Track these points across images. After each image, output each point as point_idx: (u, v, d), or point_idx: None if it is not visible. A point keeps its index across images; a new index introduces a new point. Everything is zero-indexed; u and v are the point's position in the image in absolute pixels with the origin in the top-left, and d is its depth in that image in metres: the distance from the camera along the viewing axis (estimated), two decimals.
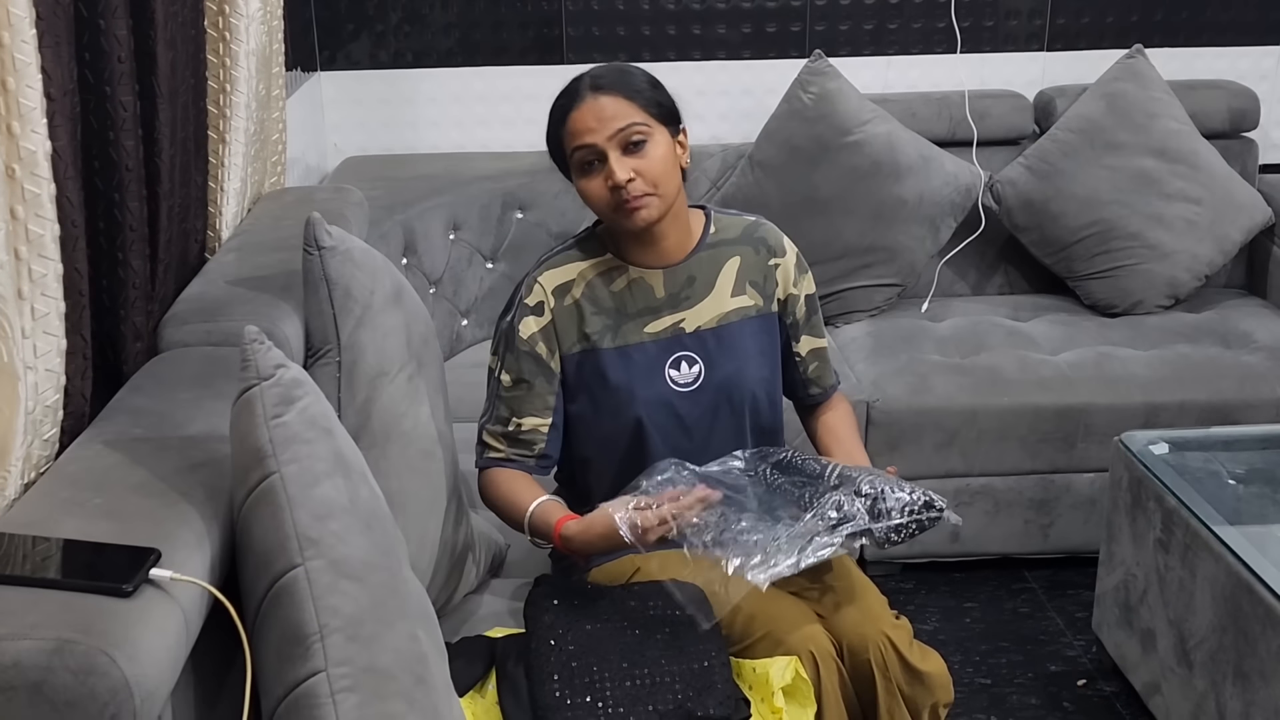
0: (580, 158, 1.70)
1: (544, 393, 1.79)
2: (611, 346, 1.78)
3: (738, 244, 1.83)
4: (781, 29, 3.21)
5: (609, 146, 1.67)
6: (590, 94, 1.69)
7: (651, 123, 1.69)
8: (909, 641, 1.73)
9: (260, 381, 1.25)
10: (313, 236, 1.61)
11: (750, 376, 1.82)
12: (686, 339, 1.79)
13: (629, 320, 1.78)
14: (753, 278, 1.83)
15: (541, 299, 1.78)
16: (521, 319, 1.78)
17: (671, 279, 1.79)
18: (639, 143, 1.68)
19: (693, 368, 1.79)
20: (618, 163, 1.67)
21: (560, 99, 1.73)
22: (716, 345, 1.80)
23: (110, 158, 1.54)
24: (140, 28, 1.64)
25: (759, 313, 1.83)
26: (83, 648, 1.02)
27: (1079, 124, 3.04)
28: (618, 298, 1.79)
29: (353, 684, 1.18)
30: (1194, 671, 2.07)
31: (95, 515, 1.20)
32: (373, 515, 1.30)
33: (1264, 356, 2.78)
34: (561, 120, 1.71)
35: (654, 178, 1.69)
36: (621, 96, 1.69)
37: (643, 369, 1.78)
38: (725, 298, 1.81)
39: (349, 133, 3.23)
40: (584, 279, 1.79)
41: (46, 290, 1.34)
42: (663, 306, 1.79)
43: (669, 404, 1.78)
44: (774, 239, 1.86)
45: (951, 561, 2.80)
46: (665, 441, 1.79)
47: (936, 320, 3.01)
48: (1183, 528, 2.10)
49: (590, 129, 1.68)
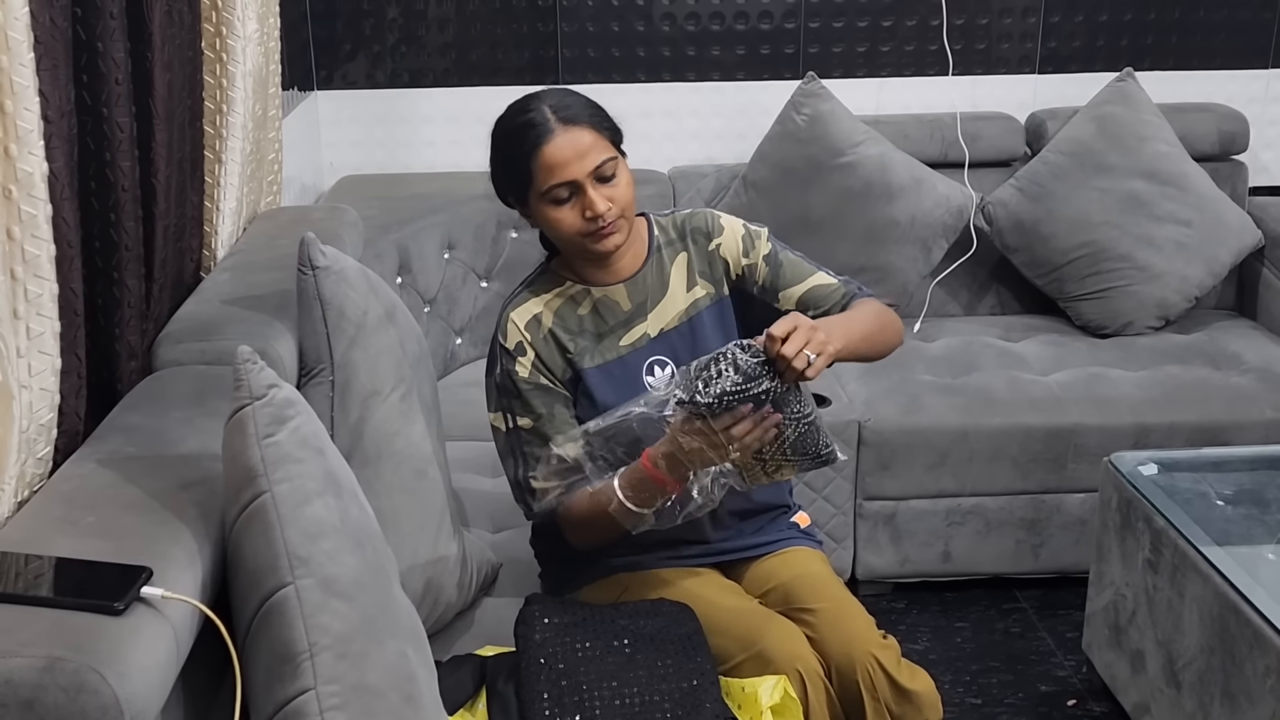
0: (557, 192, 1.69)
1: (565, 415, 1.77)
2: (593, 366, 1.79)
3: (679, 241, 1.85)
4: (775, 51, 3.23)
5: (585, 181, 1.68)
6: (561, 126, 1.68)
7: (615, 152, 1.71)
8: (897, 661, 1.74)
9: (253, 401, 1.26)
10: (307, 256, 1.63)
11: None
12: (655, 343, 1.81)
13: (604, 338, 1.80)
14: (700, 268, 1.84)
15: (519, 339, 1.78)
16: (514, 363, 1.77)
17: (634, 289, 1.81)
18: (611, 175, 1.70)
19: (665, 369, 1.81)
20: (596, 194, 1.68)
21: (522, 129, 1.69)
22: (681, 343, 1.82)
23: (107, 178, 1.56)
24: (137, 50, 1.65)
25: (713, 300, 1.84)
26: (74, 665, 1.03)
27: (1070, 146, 3.07)
28: (588, 319, 1.80)
29: (342, 702, 1.19)
30: (1182, 692, 2.07)
31: (88, 533, 1.21)
32: (363, 534, 1.31)
33: (1253, 378, 2.80)
34: (530, 153, 1.68)
35: (623, 205, 1.71)
36: (589, 128, 1.69)
37: (624, 382, 1.79)
38: (680, 295, 1.83)
39: (345, 152, 3.25)
40: (551, 309, 1.80)
41: (42, 310, 1.35)
42: (631, 317, 1.81)
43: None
44: (709, 223, 1.85)
45: (942, 581, 2.81)
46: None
47: (928, 340, 3.02)
48: (1171, 548, 2.11)
49: (568, 162, 1.67)
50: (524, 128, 1.70)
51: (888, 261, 2.99)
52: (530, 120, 1.69)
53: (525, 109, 1.72)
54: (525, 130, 1.69)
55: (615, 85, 3.21)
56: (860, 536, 2.73)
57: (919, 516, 2.72)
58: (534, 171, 1.69)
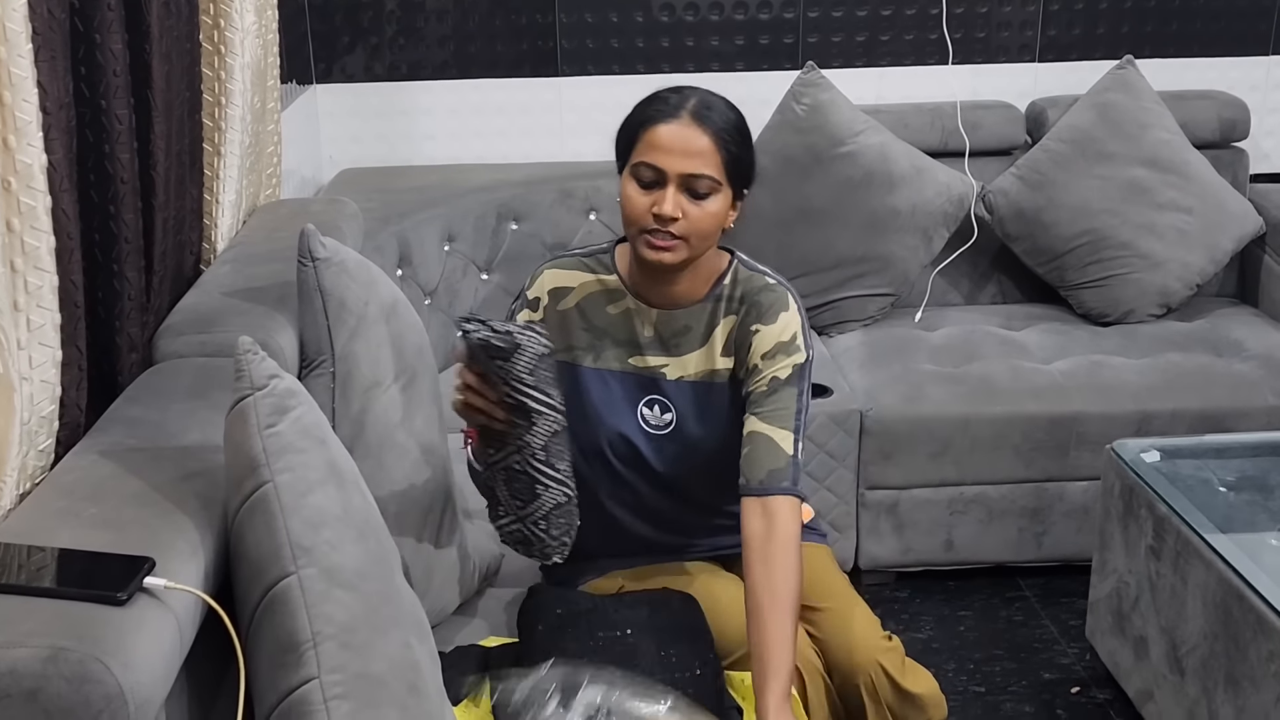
0: (642, 170, 1.61)
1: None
2: (591, 366, 1.75)
3: (739, 304, 1.72)
4: (774, 41, 3.23)
5: (674, 179, 1.59)
6: (689, 119, 1.60)
7: (723, 180, 1.61)
8: (900, 664, 1.73)
9: (254, 391, 1.26)
10: (307, 248, 1.62)
11: (721, 436, 1.74)
12: (665, 384, 1.74)
13: (614, 347, 1.74)
14: (736, 339, 1.72)
15: (539, 295, 1.75)
16: (521, 309, 1.77)
17: (665, 323, 1.73)
18: (703, 194, 1.61)
19: (665, 414, 1.74)
20: (673, 197, 1.59)
21: (657, 100, 1.64)
22: (694, 399, 1.74)
23: (106, 170, 1.55)
24: (136, 42, 1.65)
25: (732, 377, 1.74)
26: (77, 655, 1.03)
27: (1070, 134, 3.06)
28: (610, 321, 1.74)
29: (345, 691, 1.19)
30: (1186, 678, 2.07)
31: (90, 525, 1.21)
32: (366, 524, 1.31)
33: (1255, 365, 2.80)
34: (646, 123, 1.62)
35: (695, 230, 1.61)
36: (712, 139, 1.60)
37: (617, 398, 1.74)
38: (715, 356, 1.73)
39: (344, 145, 3.25)
40: (584, 291, 1.74)
41: (42, 302, 1.35)
42: (650, 345, 1.74)
43: (635, 442, 1.75)
44: (772, 307, 1.70)
45: (946, 570, 2.81)
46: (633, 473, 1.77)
47: (930, 330, 3.02)
48: (1174, 535, 2.11)
49: (670, 152, 1.59)
50: (658, 100, 1.64)
51: (889, 251, 2.98)
52: (667, 98, 1.64)
53: (679, 89, 1.66)
54: (657, 103, 1.64)
55: (614, 76, 3.20)
56: (863, 526, 2.73)
57: (921, 505, 2.72)
58: (637, 140, 1.62)
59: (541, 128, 3.26)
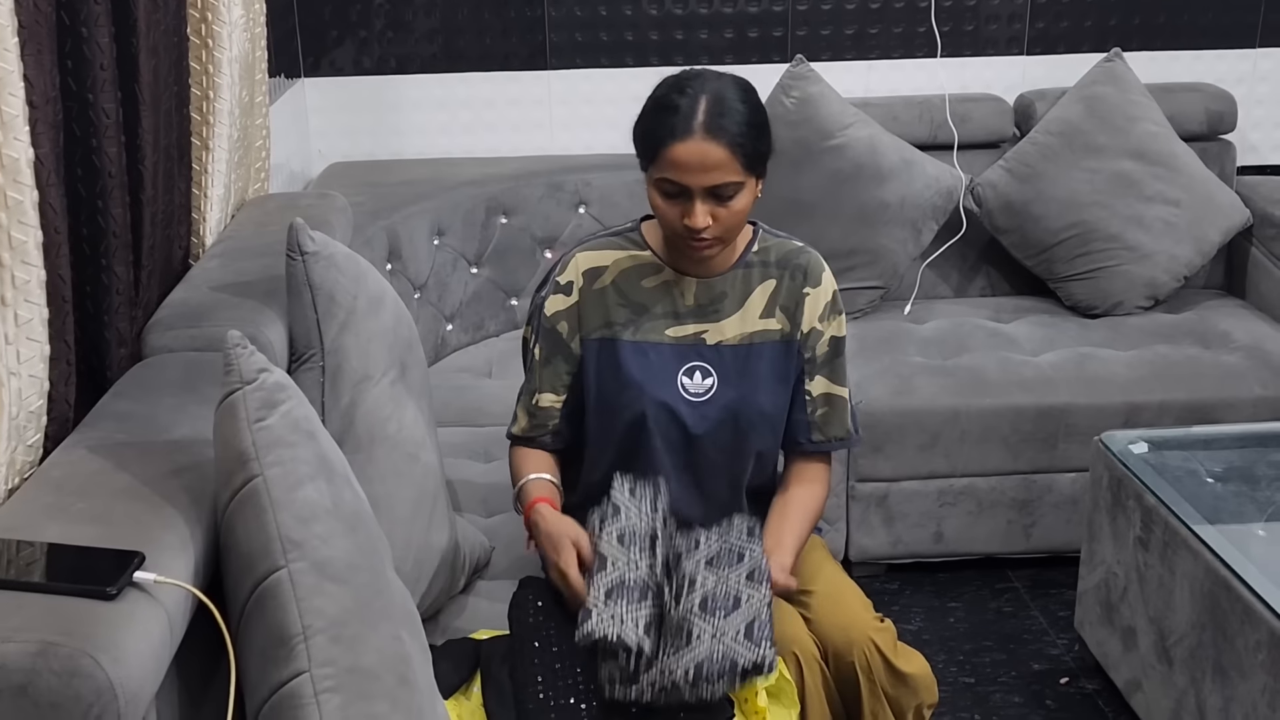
0: (666, 185, 1.66)
1: (560, 371, 1.80)
2: (631, 340, 1.78)
3: (775, 268, 1.80)
4: (763, 34, 3.23)
5: (698, 193, 1.64)
6: (702, 133, 1.62)
7: (745, 177, 1.65)
8: (893, 644, 1.74)
9: (243, 385, 1.26)
10: (296, 242, 1.62)
11: (762, 400, 1.80)
12: (706, 350, 1.79)
13: (653, 319, 1.78)
14: (784, 302, 1.80)
15: (572, 279, 1.79)
16: (550, 296, 1.79)
17: (704, 290, 1.78)
18: (729, 196, 1.65)
19: (706, 379, 1.79)
20: (701, 210, 1.64)
21: (669, 112, 1.64)
22: (734, 363, 1.79)
23: (93, 164, 1.55)
24: (122, 35, 1.64)
25: (783, 338, 1.81)
26: (67, 650, 1.03)
27: (1058, 127, 3.07)
28: (648, 294, 1.78)
29: (336, 685, 1.19)
30: (1174, 668, 2.09)
31: (79, 519, 1.21)
32: (356, 518, 1.31)
33: (1242, 356, 2.81)
34: (663, 140, 1.64)
35: (728, 227, 1.67)
36: (727, 146, 1.62)
37: (657, 369, 1.78)
38: (754, 318, 1.79)
39: (333, 139, 3.24)
40: (619, 268, 1.79)
41: (29, 296, 1.34)
42: (689, 314, 1.79)
43: (676, 410, 1.78)
44: (814, 269, 1.81)
45: (935, 562, 2.82)
46: (667, 446, 1.79)
47: (919, 322, 3.03)
48: (1162, 526, 2.12)
49: (689, 170, 1.62)
50: (670, 111, 1.64)
51: (878, 244, 2.99)
52: (678, 107, 1.64)
53: (684, 89, 1.66)
54: (670, 115, 1.64)
55: (603, 70, 3.20)
56: (853, 518, 2.74)
57: (911, 498, 2.73)
58: (656, 157, 1.65)
59: (531, 121, 3.25)
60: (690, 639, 1.53)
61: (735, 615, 1.55)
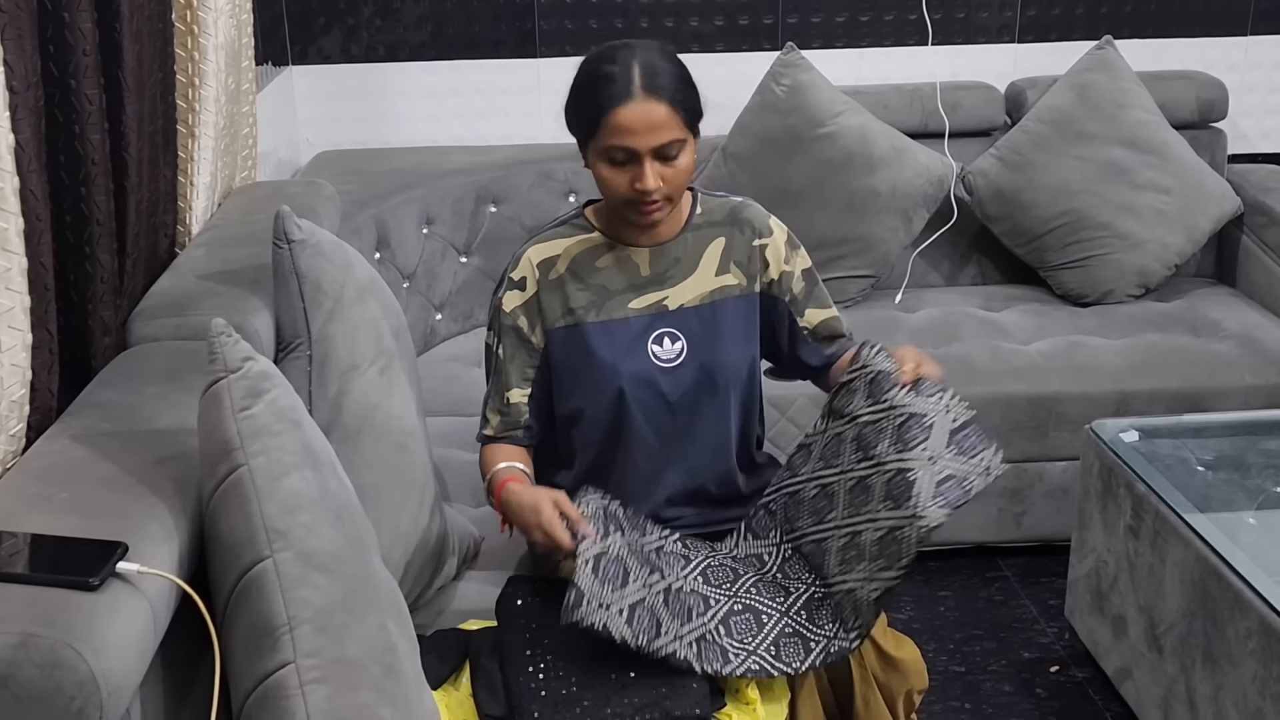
0: (614, 153, 1.67)
1: (524, 365, 1.80)
2: (595, 321, 1.78)
3: (722, 226, 1.83)
4: (754, 22, 3.22)
5: (646, 154, 1.65)
6: (642, 95, 1.63)
7: (686, 134, 1.68)
8: (884, 630, 1.74)
9: (228, 374, 1.25)
10: (282, 230, 1.61)
11: (734, 355, 1.82)
12: (669, 316, 1.80)
13: (613, 296, 1.79)
14: (737, 258, 1.83)
15: (526, 274, 1.79)
16: (506, 293, 1.79)
17: (657, 258, 1.80)
18: (674, 155, 1.67)
19: (675, 344, 1.79)
20: (650, 170, 1.66)
21: (604, 81, 1.65)
22: (699, 323, 1.80)
23: (76, 151, 1.53)
24: (105, 21, 1.63)
25: (742, 292, 1.83)
26: (49, 641, 1.02)
27: (1050, 115, 3.06)
28: (603, 274, 1.79)
29: (322, 675, 1.18)
30: (1164, 656, 2.09)
31: (62, 510, 1.20)
32: (342, 507, 1.30)
33: (1233, 344, 2.81)
34: (604, 109, 1.64)
35: (676, 186, 1.69)
36: (668, 104, 1.64)
37: (626, 343, 1.78)
38: (709, 277, 1.81)
39: (321, 127, 3.22)
40: (570, 254, 1.79)
41: (11, 284, 1.33)
42: (647, 284, 1.80)
43: (651, 379, 1.78)
44: (759, 220, 1.85)
45: (926, 550, 2.79)
46: (648, 419, 1.78)
47: (910, 311, 3.02)
48: (1152, 514, 2.11)
49: (635, 133, 1.64)
50: (605, 80, 1.65)
51: (869, 232, 2.98)
52: (613, 75, 1.65)
53: (614, 59, 1.66)
54: (606, 84, 1.65)
55: None
56: None
57: None
58: (600, 127, 1.66)
59: (520, 109, 3.24)
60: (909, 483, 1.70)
61: (934, 436, 1.68)
